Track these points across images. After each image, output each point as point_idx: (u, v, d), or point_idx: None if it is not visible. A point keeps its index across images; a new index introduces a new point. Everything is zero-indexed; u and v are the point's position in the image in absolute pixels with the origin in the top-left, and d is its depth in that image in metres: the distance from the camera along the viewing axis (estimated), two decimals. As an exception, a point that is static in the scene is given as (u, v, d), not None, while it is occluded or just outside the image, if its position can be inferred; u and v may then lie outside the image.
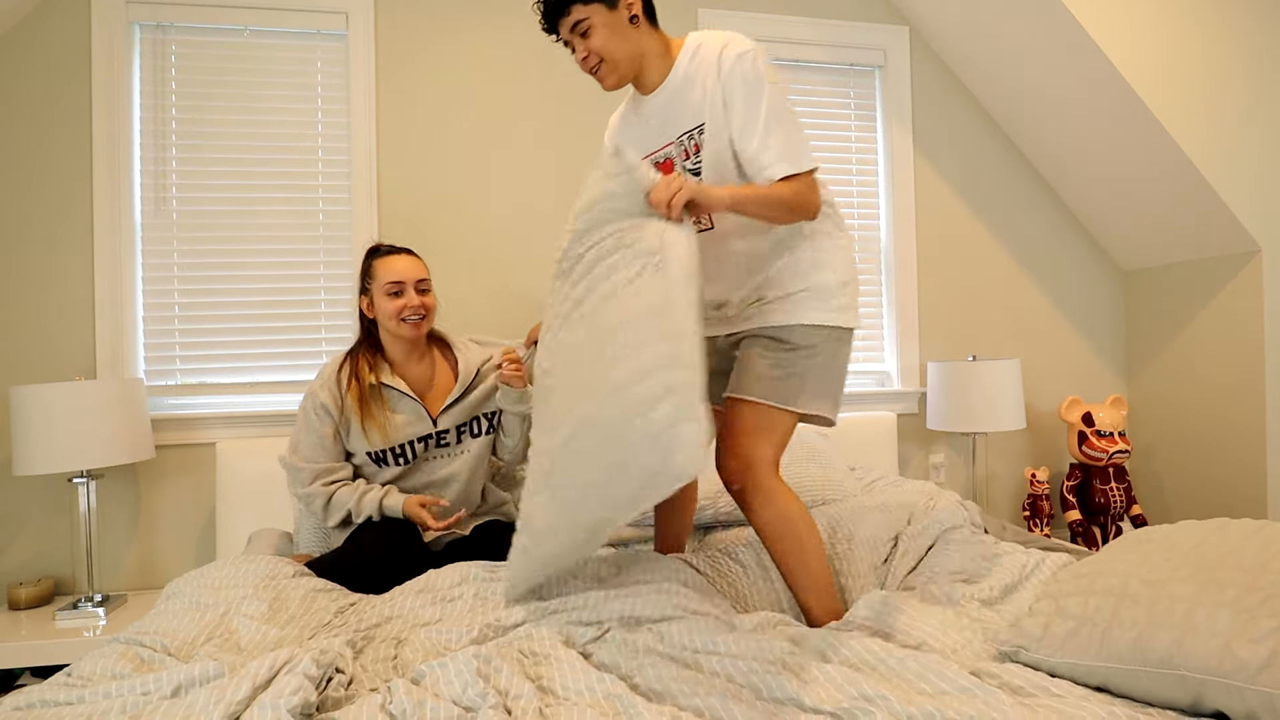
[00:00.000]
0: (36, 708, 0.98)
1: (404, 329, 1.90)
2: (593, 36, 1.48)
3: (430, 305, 1.95)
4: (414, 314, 1.90)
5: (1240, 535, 1.05)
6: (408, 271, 1.92)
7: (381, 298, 1.91)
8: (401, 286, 1.90)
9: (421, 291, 1.94)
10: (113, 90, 2.47)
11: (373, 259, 1.97)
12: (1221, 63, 2.63)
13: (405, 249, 2.00)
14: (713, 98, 1.48)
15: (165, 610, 1.39)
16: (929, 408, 2.96)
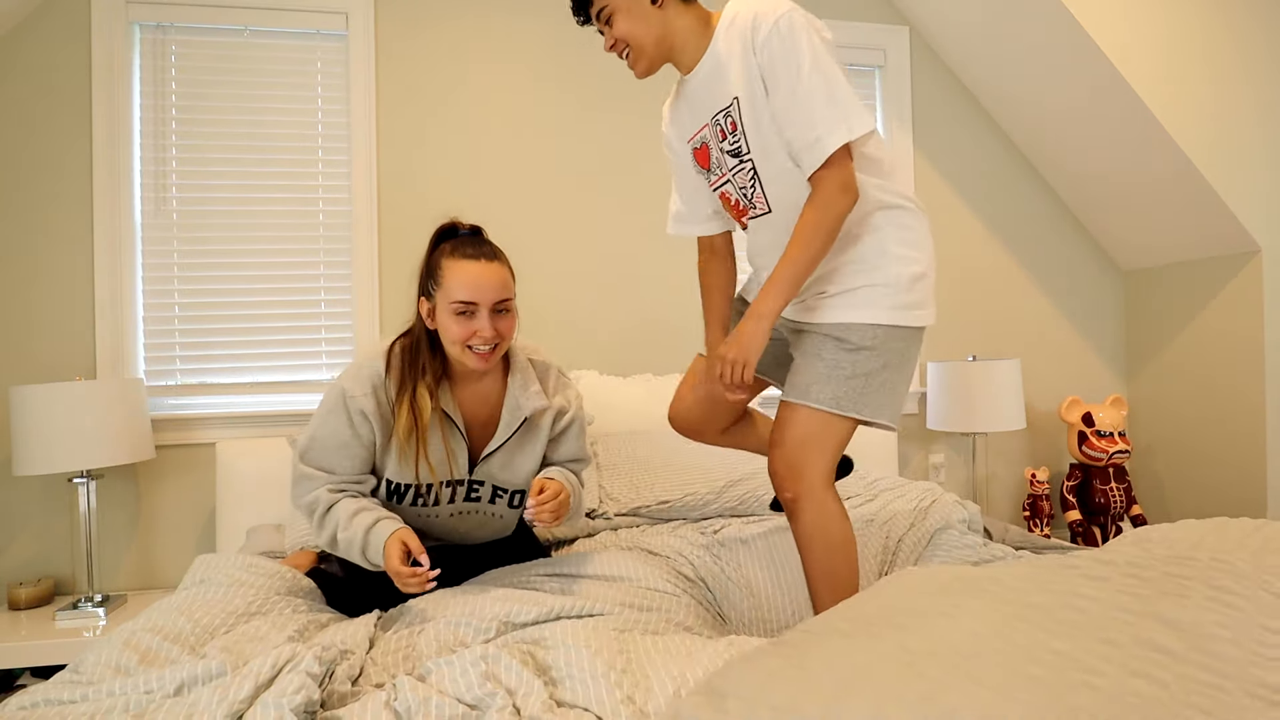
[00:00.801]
0: (40, 706, 0.98)
1: (468, 358, 1.45)
2: (616, 23, 1.41)
3: (507, 331, 1.49)
4: (484, 344, 1.44)
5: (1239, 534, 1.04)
6: (486, 288, 1.43)
7: (446, 316, 1.44)
8: (473, 308, 1.43)
9: (499, 312, 1.46)
10: (113, 90, 2.47)
11: (442, 256, 1.47)
12: (1222, 63, 2.63)
13: (486, 246, 1.50)
14: (749, 72, 1.36)
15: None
16: (929, 408, 2.96)
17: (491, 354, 1.46)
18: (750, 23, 1.35)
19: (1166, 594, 0.80)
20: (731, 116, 1.42)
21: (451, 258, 1.47)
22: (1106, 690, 0.66)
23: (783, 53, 1.32)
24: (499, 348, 1.48)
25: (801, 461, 1.39)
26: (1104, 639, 0.74)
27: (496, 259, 1.50)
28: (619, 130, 2.84)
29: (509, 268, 1.53)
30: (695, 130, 1.52)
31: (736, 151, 1.45)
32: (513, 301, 1.51)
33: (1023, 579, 0.89)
